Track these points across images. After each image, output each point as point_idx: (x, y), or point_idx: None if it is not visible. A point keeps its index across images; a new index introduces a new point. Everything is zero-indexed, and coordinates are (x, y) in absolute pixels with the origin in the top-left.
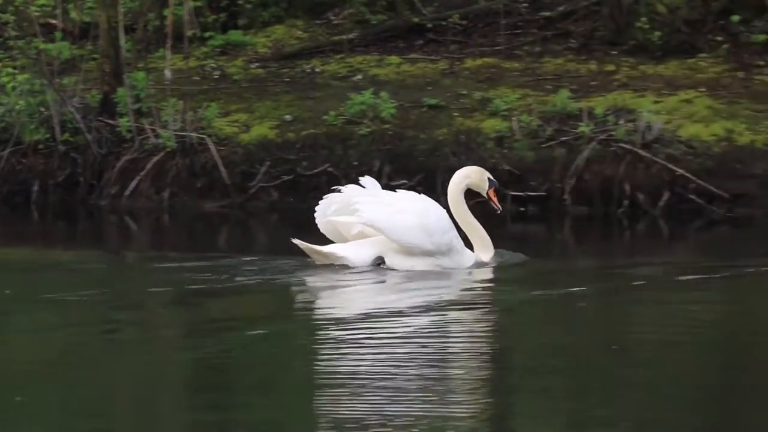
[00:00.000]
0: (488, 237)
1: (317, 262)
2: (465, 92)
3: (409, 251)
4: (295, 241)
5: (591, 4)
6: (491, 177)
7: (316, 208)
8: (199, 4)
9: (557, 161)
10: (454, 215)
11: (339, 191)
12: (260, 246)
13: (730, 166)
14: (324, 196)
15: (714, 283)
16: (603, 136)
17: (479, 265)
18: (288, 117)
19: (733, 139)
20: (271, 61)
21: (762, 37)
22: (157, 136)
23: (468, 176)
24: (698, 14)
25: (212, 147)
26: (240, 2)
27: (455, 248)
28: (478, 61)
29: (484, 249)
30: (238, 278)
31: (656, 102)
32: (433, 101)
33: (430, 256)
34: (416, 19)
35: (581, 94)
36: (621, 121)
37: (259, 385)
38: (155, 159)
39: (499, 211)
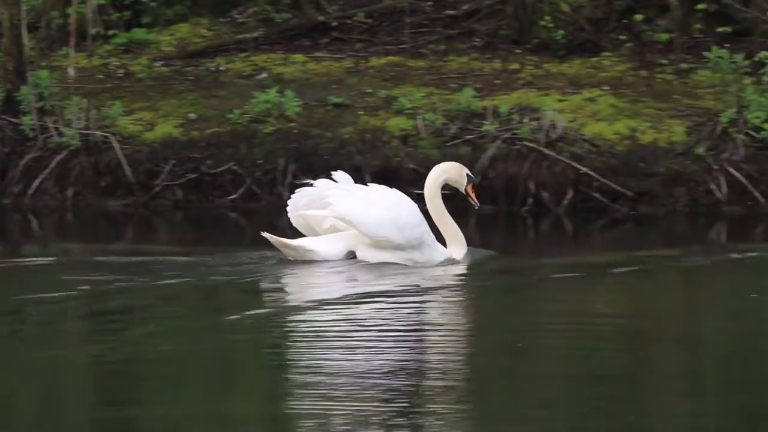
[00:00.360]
0: (461, 234)
1: (289, 257)
2: (370, 91)
3: (380, 245)
4: (265, 234)
5: (495, 3)
6: (469, 173)
7: (288, 202)
8: (102, 2)
9: (462, 160)
10: (430, 210)
11: (311, 185)
12: (162, 244)
13: (633, 164)
14: (296, 190)
15: (615, 279)
16: (507, 135)
17: (451, 261)
18: (192, 115)
19: (637, 137)
20: (175, 60)
21: (665, 36)
22: (60, 134)
23: (446, 171)
24: (601, 13)
25: (116, 145)
26: (144, 0)
27: (426, 243)
28: (383, 60)
29: (457, 245)
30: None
31: (560, 100)
32: (338, 100)
33: (401, 250)
34: (321, 18)
35: (486, 93)
36: (525, 120)
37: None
38: (59, 157)
39: (476, 207)
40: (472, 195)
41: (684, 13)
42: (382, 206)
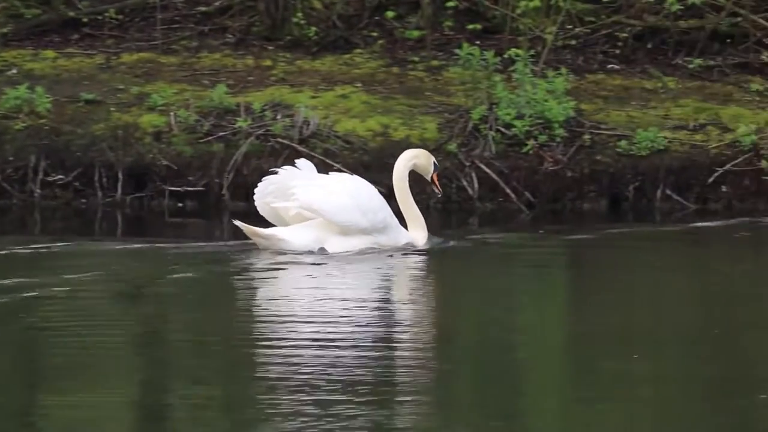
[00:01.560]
0: (423, 219)
1: (260, 246)
2: (122, 87)
3: (347, 231)
4: (236, 222)
5: (247, 0)
6: (435, 161)
7: (255, 190)
8: None
9: (215, 156)
10: (397, 194)
11: (276, 173)
12: None
13: (385, 160)
14: (263, 178)
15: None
16: (261, 132)
17: (413, 245)
18: None
19: (389, 134)
20: None
21: (416, 33)
22: None
23: (416, 157)
24: (353, 10)
25: None
26: None
27: (390, 225)
28: (135, 56)
29: (419, 230)
30: None
31: (313, 97)
32: (89, 96)
33: (368, 235)
34: (72, 13)
35: (238, 89)
36: (278, 117)
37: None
38: None
39: (439, 195)
40: (437, 182)
41: (435, 10)
42: (344, 193)
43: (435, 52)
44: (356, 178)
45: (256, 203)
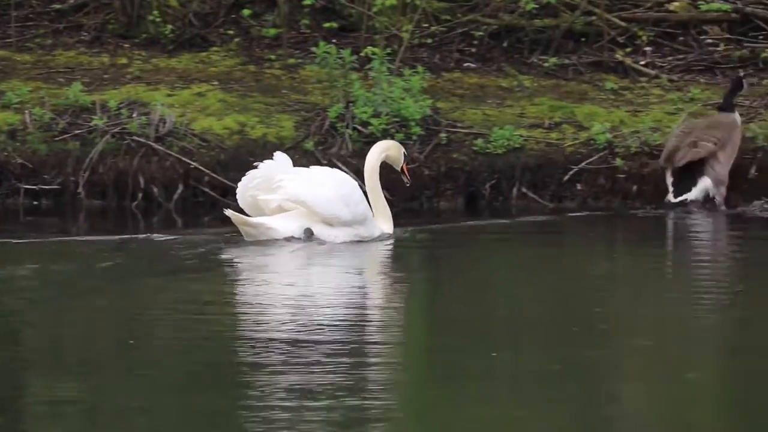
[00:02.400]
0: (389, 211)
1: (246, 236)
2: None
3: (330, 222)
4: (227, 212)
5: None
6: (405, 151)
7: (239, 184)
8: None
9: (71, 155)
10: (367, 186)
11: (257, 167)
12: None
13: (242, 159)
14: (246, 172)
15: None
16: (117, 130)
17: (383, 235)
18: None
19: (246, 132)
20: None
21: (273, 31)
22: None
23: (388, 149)
24: (210, 8)
25: None
26: None
27: (368, 217)
28: None
29: (386, 220)
30: None
31: (169, 95)
32: None
33: (349, 226)
34: None
35: (94, 87)
36: (135, 115)
37: None
38: None
39: (408, 184)
40: (407, 172)
41: (291, 8)
42: (329, 186)
43: (292, 51)
44: (338, 171)
45: (238, 196)
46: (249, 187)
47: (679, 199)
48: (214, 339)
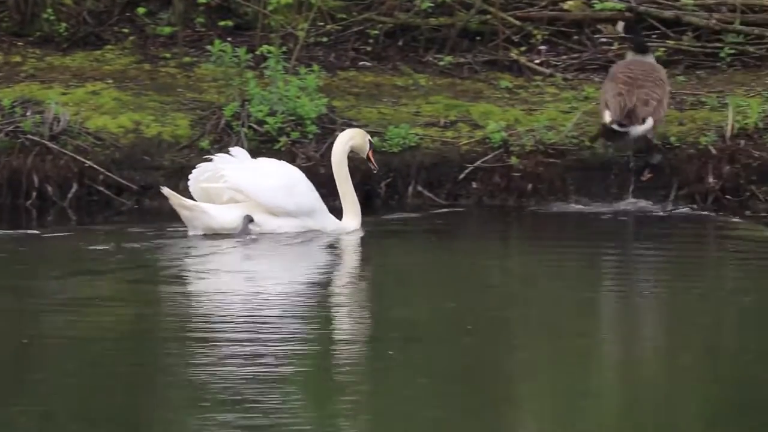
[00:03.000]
0: (358, 205)
1: (184, 220)
2: None
3: (273, 212)
4: (164, 190)
5: None
6: (370, 139)
7: (190, 176)
8: None
9: None
10: (336, 177)
11: (210, 160)
12: None
13: (137, 158)
14: (197, 165)
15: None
16: (11, 128)
17: (343, 230)
18: None
19: (141, 130)
20: None
21: (168, 30)
22: None
23: (353, 138)
24: (104, 6)
25: None
26: None
27: (317, 210)
28: None
29: (354, 216)
30: None
31: (64, 94)
32: None
33: (295, 218)
34: None
35: None
36: (29, 113)
37: None
38: None
39: (375, 171)
40: (373, 159)
41: (186, 7)
42: (274, 176)
43: (187, 49)
44: (285, 163)
45: (190, 188)
46: (200, 179)
47: (624, 129)
48: (110, 338)
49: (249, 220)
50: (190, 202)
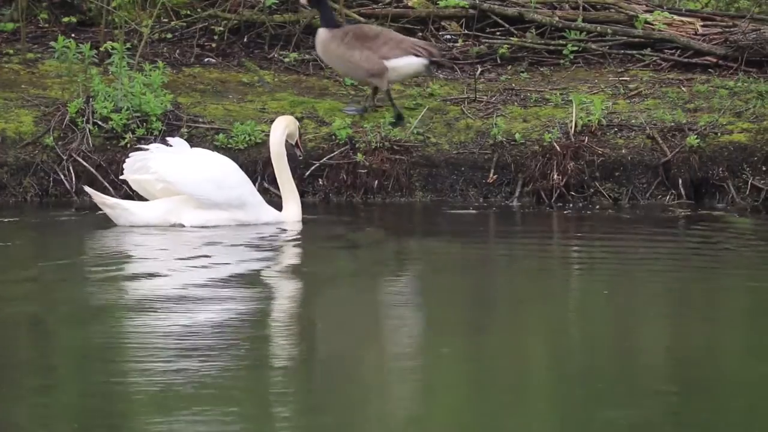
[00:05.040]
0: (297, 194)
1: (111, 217)
2: None
3: (202, 205)
4: (87, 189)
5: None
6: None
7: (123, 165)
8: None
9: None
10: (275, 167)
11: (144, 149)
12: None
13: None
14: (130, 154)
15: None
16: None
17: (279, 222)
18: None
19: None
20: None
21: (11, 26)
22: None
23: (288, 126)
24: None
25: None
26: None
27: (248, 202)
28: None
29: (292, 205)
30: None
31: None
32: None
33: (224, 210)
34: None
35: None
36: None
37: None
38: None
39: (301, 157)
40: (300, 146)
41: (29, 2)
42: (201, 166)
43: (30, 45)
44: (216, 154)
45: (126, 178)
46: (132, 169)
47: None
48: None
49: (176, 220)
50: (111, 199)
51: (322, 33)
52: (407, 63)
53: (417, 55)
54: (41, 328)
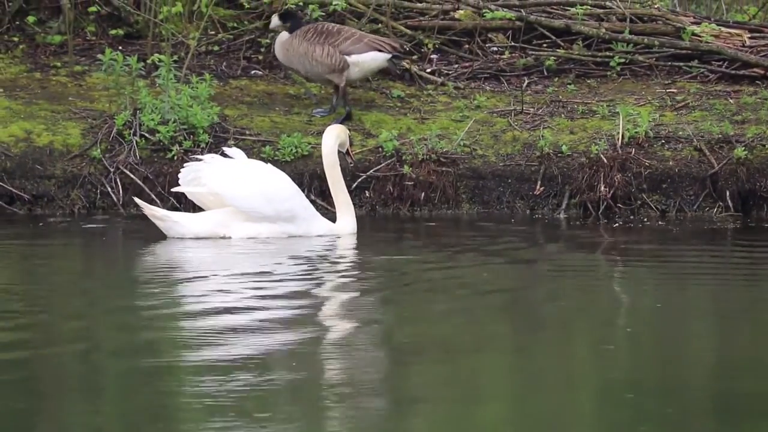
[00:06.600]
0: (352, 205)
1: (161, 228)
2: None
3: (251, 218)
4: (137, 200)
5: None
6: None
7: (179, 176)
8: None
9: None
10: (329, 177)
11: (200, 160)
12: None
13: (29, 166)
14: (185, 164)
15: None
16: None
17: (337, 233)
18: None
19: (32, 140)
20: None
21: (58, 38)
22: None
23: (339, 135)
24: None
25: None
26: None
27: (299, 215)
28: None
29: (349, 217)
30: None
31: None
32: None
33: (273, 223)
34: None
35: None
36: None
37: None
38: None
39: (352, 164)
40: (352, 153)
41: (76, 15)
42: (252, 179)
43: (78, 58)
44: (269, 166)
45: (179, 190)
46: (186, 180)
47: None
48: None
49: (225, 232)
50: (161, 211)
51: (283, 35)
52: (372, 58)
53: (380, 50)
54: (92, 346)
